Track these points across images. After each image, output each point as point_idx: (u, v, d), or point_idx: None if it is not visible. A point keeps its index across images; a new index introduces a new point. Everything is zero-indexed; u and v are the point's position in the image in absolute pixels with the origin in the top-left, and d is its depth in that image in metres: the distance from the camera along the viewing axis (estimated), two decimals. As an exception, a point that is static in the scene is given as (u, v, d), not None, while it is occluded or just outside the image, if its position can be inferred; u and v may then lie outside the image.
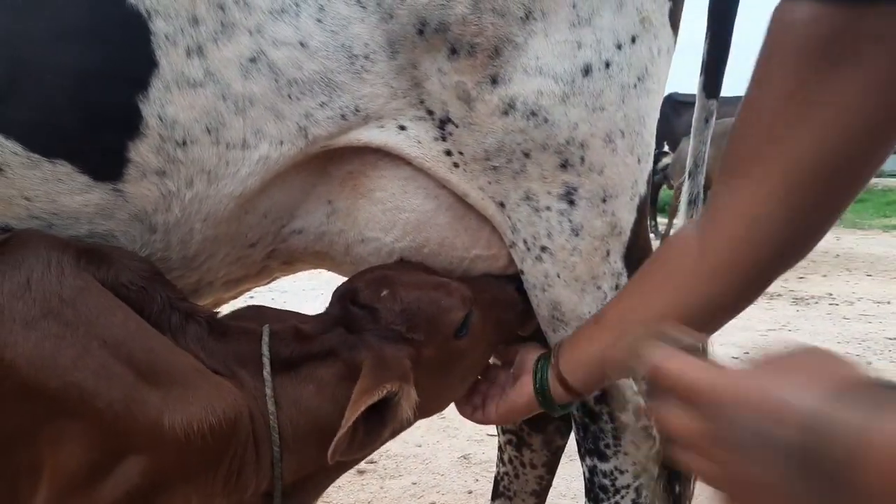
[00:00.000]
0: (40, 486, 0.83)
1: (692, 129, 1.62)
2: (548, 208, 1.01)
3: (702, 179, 1.63)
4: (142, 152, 0.87)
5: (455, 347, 1.00)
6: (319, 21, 0.88)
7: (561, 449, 1.54)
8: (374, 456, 2.63)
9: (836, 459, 0.47)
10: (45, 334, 0.79)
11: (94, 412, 0.81)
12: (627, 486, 1.19)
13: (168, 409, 0.83)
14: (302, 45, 0.88)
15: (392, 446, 2.70)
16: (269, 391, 0.89)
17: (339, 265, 1.09)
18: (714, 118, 1.66)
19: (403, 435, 2.94)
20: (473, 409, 1.12)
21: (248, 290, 1.18)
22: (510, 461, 1.56)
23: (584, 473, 1.24)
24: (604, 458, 1.21)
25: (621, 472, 1.18)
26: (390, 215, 1.01)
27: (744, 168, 0.78)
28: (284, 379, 0.92)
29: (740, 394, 0.54)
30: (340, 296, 0.99)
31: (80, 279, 0.83)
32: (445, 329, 0.98)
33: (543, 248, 1.04)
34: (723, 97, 1.58)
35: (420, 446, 2.73)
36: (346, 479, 2.48)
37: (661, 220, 9.18)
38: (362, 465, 2.57)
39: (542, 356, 1.06)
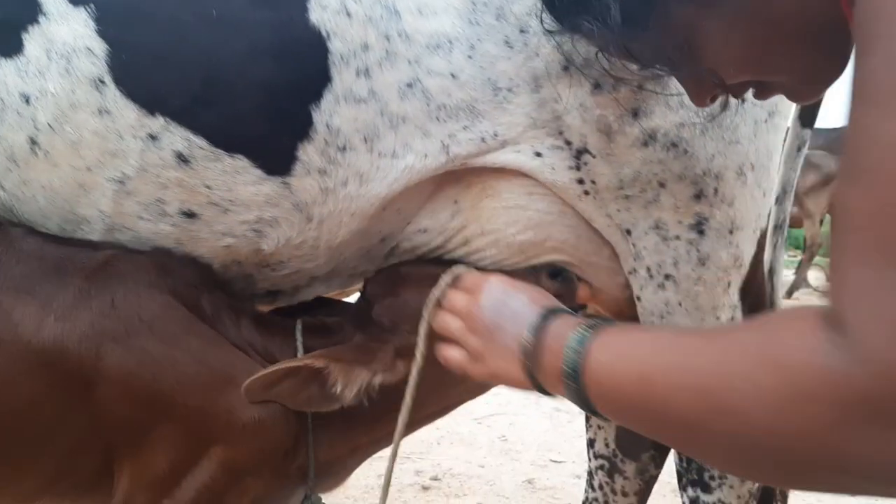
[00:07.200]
0: (121, 482, 0.94)
1: (783, 156, 1.61)
2: (677, 237, 1.02)
3: (788, 206, 1.62)
4: (309, 153, 0.97)
5: None
6: (470, 57, 0.95)
7: (654, 479, 1.52)
8: (439, 473, 2.64)
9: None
10: (131, 349, 0.91)
11: (179, 415, 0.92)
12: None
13: (241, 404, 0.94)
14: (453, 76, 0.95)
15: (455, 465, 2.70)
16: None
17: (451, 255, 1.13)
18: (806, 147, 1.65)
19: (466, 454, 2.88)
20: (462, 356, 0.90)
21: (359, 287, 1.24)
22: (600, 487, 1.55)
23: (683, 504, 1.24)
24: (707, 489, 1.20)
25: None
26: (514, 213, 1.05)
27: None
28: None
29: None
30: (366, 293, 1.12)
31: (157, 297, 0.95)
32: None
33: (668, 277, 1.05)
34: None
35: (483, 467, 2.72)
36: (412, 496, 2.48)
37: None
38: (427, 481, 2.58)
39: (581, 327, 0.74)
